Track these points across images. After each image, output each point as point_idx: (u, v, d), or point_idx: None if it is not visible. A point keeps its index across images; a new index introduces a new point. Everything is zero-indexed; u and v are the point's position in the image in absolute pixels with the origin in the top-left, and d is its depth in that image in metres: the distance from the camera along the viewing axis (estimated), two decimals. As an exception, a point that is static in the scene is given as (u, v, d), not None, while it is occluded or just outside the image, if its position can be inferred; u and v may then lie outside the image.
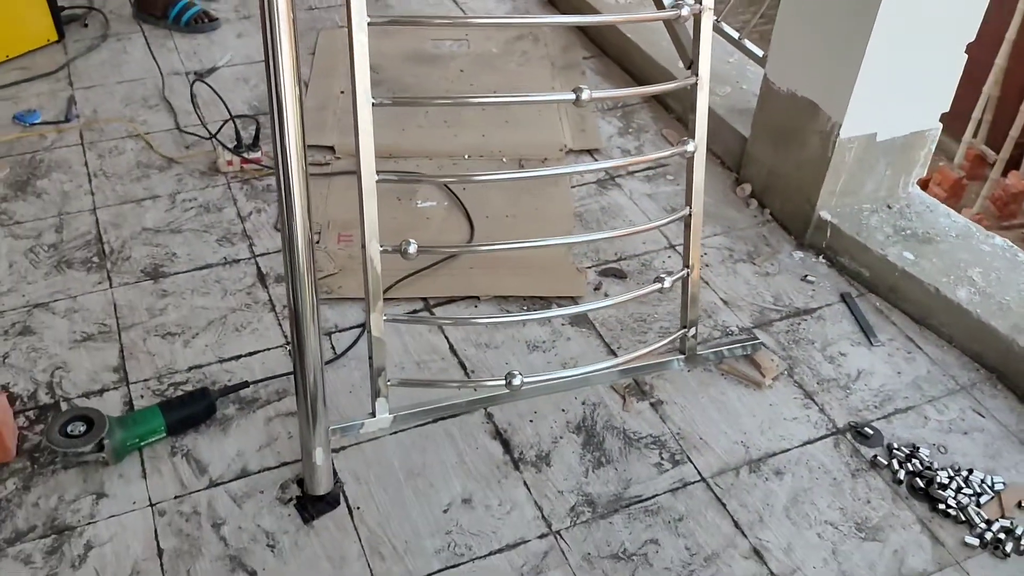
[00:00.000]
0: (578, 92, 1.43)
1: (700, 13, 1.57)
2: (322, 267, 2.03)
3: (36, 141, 2.39)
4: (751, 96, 2.43)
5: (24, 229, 2.10)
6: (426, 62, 2.83)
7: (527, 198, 2.28)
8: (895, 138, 2.06)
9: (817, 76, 2.03)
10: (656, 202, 2.31)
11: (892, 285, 2.00)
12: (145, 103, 2.57)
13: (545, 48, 2.93)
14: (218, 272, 2.02)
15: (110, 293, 1.95)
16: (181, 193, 2.24)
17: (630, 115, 2.63)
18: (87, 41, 2.83)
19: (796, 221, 2.18)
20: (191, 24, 2.94)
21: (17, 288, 1.95)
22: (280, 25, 1.29)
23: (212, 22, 2.96)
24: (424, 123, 2.53)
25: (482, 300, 1.98)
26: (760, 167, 2.27)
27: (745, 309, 2.00)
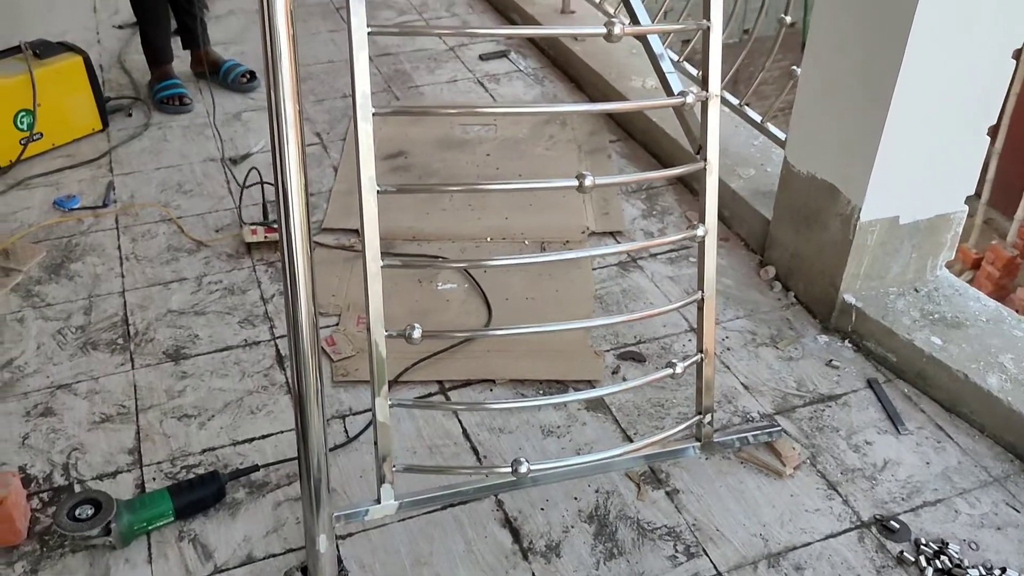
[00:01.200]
0: (581, 179, 1.44)
1: (707, 100, 1.57)
2: (340, 349, 2.04)
3: (73, 225, 2.47)
4: (775, 178, 2.41)
5: (54, 311, 2.16)
6: (454, 147, 2.88)
7: (547, 281, 2.28)
8: (919, 221, 2.02)
9: (835, 159, 2.01)
10: (678, 284, 2.29)
11: (920, 371, 1.94)
12: (180, 188, 2.65)
13: (572, 132, 2.96)
14: (238, 354, 2.04)
15: (131, 375, 1.98)
16: (207, 276, 2.29)
17: (654, 197, 2.64)
18: (130, 130, 2.95)
19: (821, 304, 2.14)
20: (236, 82, 3.19)
21: (43, 369, 1.99)
22: (286, 111, 1.33)
23: (253, 80, 3.20)
24: (448, 206, 2.56)
25: (498, 383, 1.97)
26: (784, 249, 2.25)
27: (767, 395, 1.95)
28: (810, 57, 2.05)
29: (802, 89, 2.11)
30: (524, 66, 3.41)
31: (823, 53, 2.00)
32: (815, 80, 2.05)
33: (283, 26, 1.31)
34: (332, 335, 2.08)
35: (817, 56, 2.03)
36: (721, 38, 1.56)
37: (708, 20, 1.54)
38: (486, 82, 3.30)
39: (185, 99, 3.10)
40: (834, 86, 1.98)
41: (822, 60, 2.01)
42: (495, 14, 3.87)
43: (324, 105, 3.11)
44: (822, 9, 1.97)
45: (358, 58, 1.39)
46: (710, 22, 1.54)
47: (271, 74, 1.32)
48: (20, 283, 2.24)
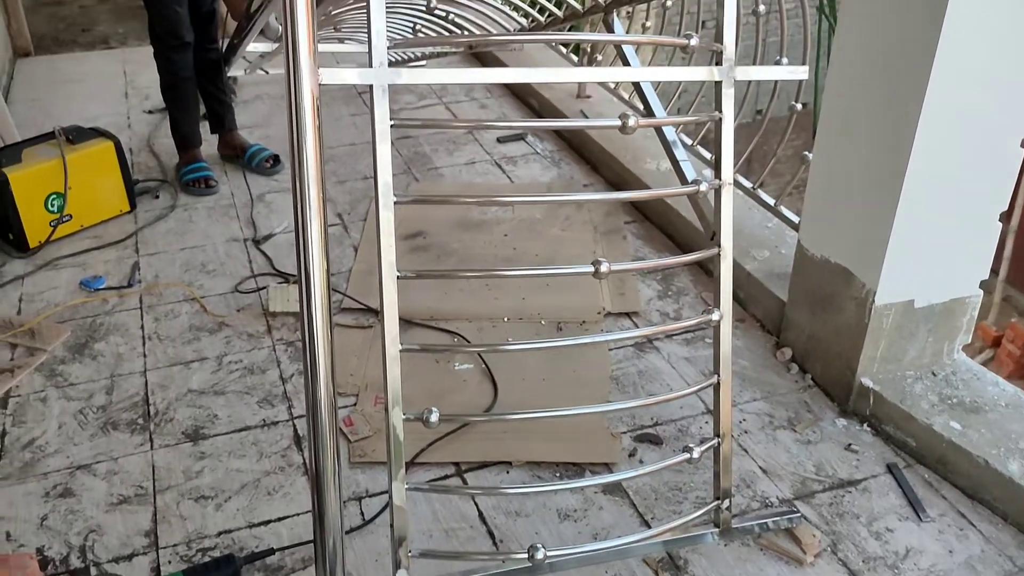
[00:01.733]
0: (597, 265, 1.47)
1: (720, 188, 1.61)
2: (358, 430, 2.05)
3: (98, 306, 2.52)
4: (789, 260, 2.43)
5: (77, 391, 2.19)
6: (472, 227, 2.93)
7: (564, 361, 2.29)
8: (934, 305, 2.03)
9: (848, 242, 2.04)
10: (695, 366, 2.29)
11: (940, 456, 1.92)
12: (203, 268, 2.71)
13: (588, 213, 3.01)
14: (256, 434, 2.05)
15: (150, 455, 1.99)
16: (228, 355, 2.32)
17: (670, 278, 2.66)
18: (156, 211, 3.03)
19: (838, 387, 2.14)
20: (261, 166, 3.28)
21: (63, 449, 2.01)
22: (310, 197, 1.38)
23: (277, 164, 3.29)
24: (465, 287, 2.60)
25: (514, 465, 1.97)
26: (799, 331, 2.26)
27: (785, 479, 1.94)
28: (821, 142, 2.10)
29: (814, 173, 2.15)
30: (541, 148, 3.49)
31: (834, 138, 2.05)
32: (826, 165, 2.09)
33: (309, 115, 1.37)
34: (350, 415, 2.09)
35: (828, 141, 2.07)
36: (732, 128, 1.61)
37: (719, 111, 1.59)
38: (503, 164, 3.37)
39: (211, 181, 3.18)
40: (845, 170, 2.01)
41: (833, 145, 2.05)
42: (513, 98, 3.97)
43: (346, 186, 3.18)
44: (832, 94, 2.02)
45: (381, 149, 1.44)
46: (721, 113, 1.59)
47: (296, 161, 1.37)
48: (44, 363, 2.28)
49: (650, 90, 2.38)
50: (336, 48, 3.93)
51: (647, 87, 2.42)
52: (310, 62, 1.35)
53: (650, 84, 2.46)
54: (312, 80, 1.35)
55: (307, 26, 1.34)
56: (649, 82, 2.44)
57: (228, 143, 3.36)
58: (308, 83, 1.35)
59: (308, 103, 1.36)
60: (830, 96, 2.04)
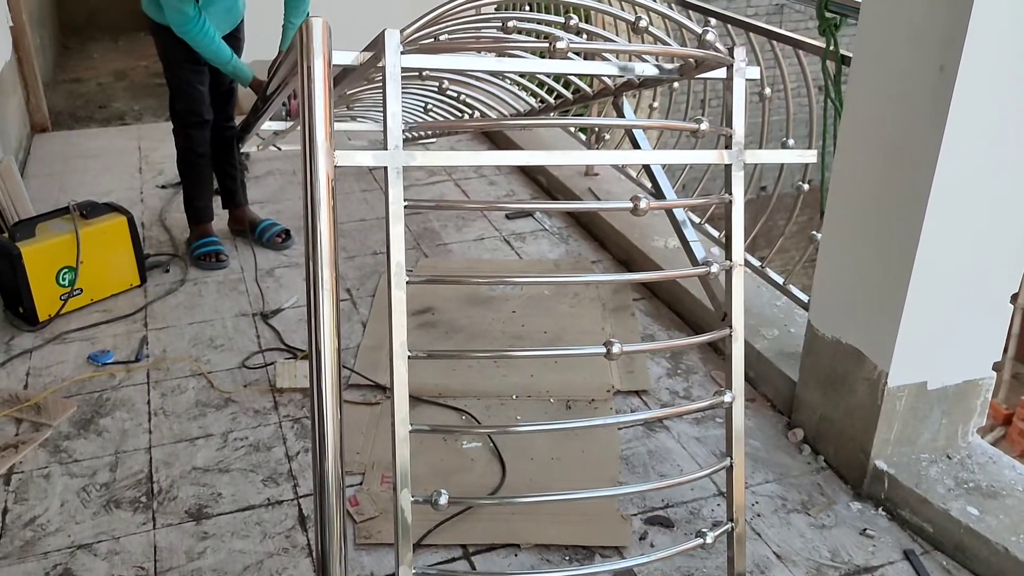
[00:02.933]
0: (609, 346, 1.46)
1: (731, 269, 1.61)
2: (364, 510, 2.02)
3: (105, 380, 2.51)
4: (799, 339, 2.42)
5: (81, 467, 2.17)
6: (481, 303, 2.93)
7: (573, 440, 2.26)
8: (947, 387, 2.01)
9: (860, 324, 2.03)
10: (705, 446, 2.27)
11: (958, 543, 1.88)
12: (211, 343, 2.70)
13: (596, 290, 3.02)
14: (260, 514, 2.02)
15: (153, 535, 1.96)
16: (234, 432, 2.30)
17: (679, 356, 2.65)
18: (166, 285, 3.04)
19: (852, 470, 2.11)
20: (271, 241, 3.31)
21: (65, 528, 1.98)
22: (323, 277, 1.38)
23: (288, 240, 3.32)
24: (474, 363, 2.59)
25: (523, 548, 1.93)
26: (811, 412, 2.23)
27: (800, 565, 1.89)
28: (830, 223, 2.11)
29: (823, 254, 2.16)
30: (549, 225, 3.52)
31: (842, 220, 2.06)
32: (835, 246, 2.09)
33: (324, 196, 1.38)
34: (356, 495, 2.06)
35: (836, 222, 2.08)
36: (743, 210, 1.62)
37: (729, 193, 1.61)
38: (512, 240, 3.39)
39: (222, 256, 3.20)
40: (855, 251, 2.02)
41: (841, 226, 2.06)
42: (521, 175, 4.02)
43: (355, 262, 3.20)
44: (840, 177, 2.04)
45: (394, 230, 1.45)
46: (731, 195, 1.60)
47: (311, 241, 1.38)
48: (49, 438, 2.26)
49: (660, 171, 2.41)
50: (348, 127, 4.00)
51: (657, 168, 2.46)
52: (326, 145, 1.37)
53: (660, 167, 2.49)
54: (328, 162, 1.37)
55: (324, 110, 1.37)
56: (659, 165, 2.48)
57: (239, 218, 3.40)
58: (324, 165, 1.37)
59: (323, 184, 1.38)
60: (838, 178, 2.06)
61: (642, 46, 1.66)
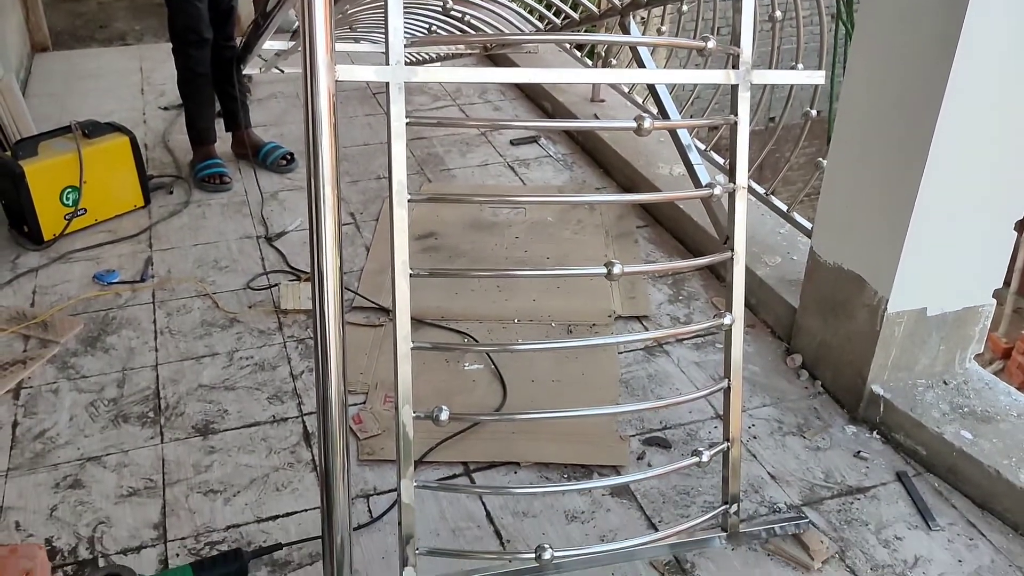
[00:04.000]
0: (610, 267, 1.47)
1: (734, 192, 1.61)
2: (367, 428, 2.06)
3: (111, 299, 2.53)
4: (801, 266, 2.43)
5: (88, 383, 2.20)
6: (484, 229, 2.93)
7: (573, 364, 2.29)
8: (946, 313, 2.02)
9: (862, 250, 2.03)
10: (704, 370, 2.29)
11: (951, 465, 1.91)
12: (216, 264, 2.72)
13: (600, 217, 3.01)
14: (265, 430, 2.06)
15: (160, 448, 2.00)
16: (239, 351, 2.32)
17: (680, 283, 2.66)
18: (170, 207, 3.04)
19: (848, 394, 2.13)
20: (275, 164, 3.30)
21: (74, 441, 2.02)
22: (325, 197, 1.38)
23: (292, 163, 3.30)
24: (477, 287, 2.60)
25: (523, 466, 1.97)
26: (810, 338, 2.25)
27: (794, 485, 1.93)
28: (836, 149, 2.09)
29: (828, 181, 2.15)
30: (554, 151, 3.49)
31: (849, 145, 2.04)
32: (841, 172, 2.08)
33: (326, 112, 1.37)
34: (359, 413, 2.10)
35: (843, 148, 2.06)
36: (748, 132, 1.61)
37: (735, 115, 1.59)
38: (516, 166, 3.37)
39: (225, 178, 3.19)
40: (860, 178, 2.01)
41: (848, 152, 2.05)
42: (526, 101, 3.97)
43: (359, 186, 3.19)
44: (848, 101, 2.02)
45: (396, 147, 1.44)
46: (737, 117, 1.59)
47: (312, 159, 1.38)
48: (57, 355, 2.29)
49: (665, 93, 2.38)
50: (351, 48, 3.94)
51: (662, 90, 2.42)
52: (327, 59, 1.35)
53: (665, 87, 2.45)
54: (329, 77, 1.36)
55: (325, 22, 1.35)
56: (664, 85, 2.44)
57: (241, 141, 3.38)
58: (325, 80, 1.36)
59: (325, 100, 1.36)
60: (846, 103, 2.03)
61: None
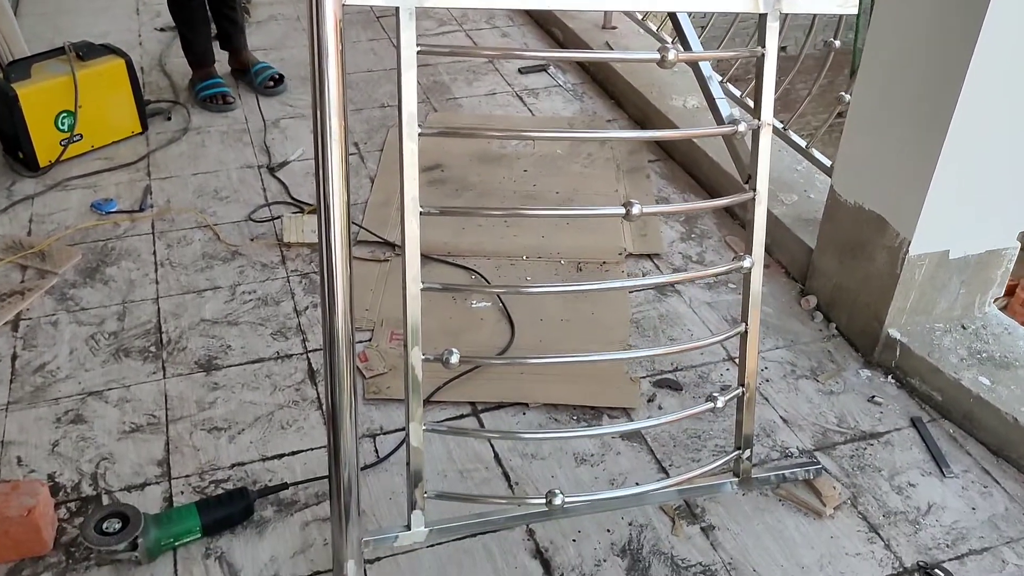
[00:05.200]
0: (628, 207, 1.41)
1: (759, 128, 1.53)
2: (373, 366, 2.02)
3: (110, 229, 2.47)
4: (819, 205, 2.36)
5: (88, 316, 2.16)
6: (491, 161, 2.85)
7: (583, 303, 2.24)
8: (969, 256, 1.97)
9: (885, 190, 1.96)
10: (716, 311, 2.24)
11: (967, 412, 1.88)
12: (216, 194, 2.65)
13: (611, 150, 2.93)
14: (269, 367, 2.02)
15: (163, 384, 1.97)
16: (241, 285, 2.27)
17: (693, 221, 2.59)
18: (168, 134, 2.95)
19: (864, 338, 2.09)
20: (263, 86, 3.20)
21: (75, 375, 1.98)
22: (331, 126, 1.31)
23: (279, 85, 3.21)
24: (484, 223, 2.54)
25: (531, 407, 1.93)
26: (826, 280, 2.20)
27: (806, 430, 1.90)
28: (862, 84, 2.00)
29: (852, 117, 2.06)
30: (563, 81, 3.39)
31: (876, 80, 1.95)
32: (866, 108, 2.00)
33: (332, 38, 1.29)
34: (365, 351, 2.06)
35: (869, 83, 1.98)
36: (775, 65, 1.52)
37: (762, 46, 1.51)
38: (525, 96, 3.27)
39: (228, 98, 3.12)
40: (887, 115, 1.93)
41: (875, 88, 1.96)
42: (535, 27, 3.84)
43: (362, 115, 3.10)
44: (878, 32, 1.92)
45: (406, 77, 1.37)
46: (764, 49, 1.50)
47: (317, 88, 1.31)
48: (55, 286, 2.24)
49: (687, 21, 2.26)
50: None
51: (684, 18, 2.31)
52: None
53: (687, 15, 2.34)
54: (336, 1, 1.27)
55: (332, -58, 1.26)
56: (686, 13, 2.33)
57: (237, 60, 3.29)
58: (331, 3, 1.27)
59: (331, 25, 1.28)
60: (875, 35, 1.94)
61: None
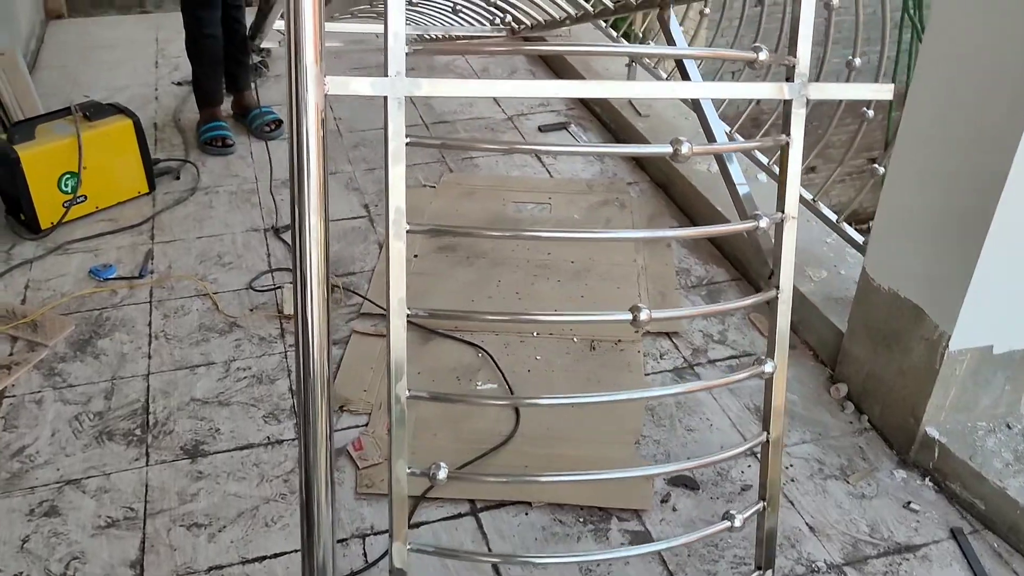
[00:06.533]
0: (635, 312, 1.28)
1: (782, 222, 1.40)
2: (368, 455, 1.89)
3: (106, 297, 2.38)
4: (850, 283, 2.23)
5: (75, 393, 2.06)
6: (506, 225, 2.74)
7: (594, 386, 2.11)
8: (1014, 351, 1.81)
9: (923, 278, 1.82)
10: (739, 397, 2.10)
11: (1012, 524, 1.71)
12: (219, 260, 2.56)
13: (631, 216, 2.81)
14: (259, 454, 1.91)
15: (145, 472, 1.86)
16: (237, 361, 2.17)
17: (716, 294, 2.46)
18: (176, 194, 2.88)
19: (899, 434, 1.93)
20: (260, 129, 3.16)
21: (54, 460, 1.88)
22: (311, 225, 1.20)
23: (277, 130, 3.16)
24: (495, 293, 2.42)
25: (534, 506, 1.79)
26: (858, 367, 2.04)
27: (835, 539, 1.74)
28: (899, 159, 1.86)
29: (886, 194, 1.92)
30: (584, 140, 3.28)
31: (914, 156, 1.81)
32: (901, 186, 1.86)
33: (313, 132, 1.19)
34: (360, 437, 1.94)
35: (906, 159, 1.84)
36: (801, 155, 1.40)
37: (787, 136, 1.38)
38: (544, 156, 3.17)
39: (228, 140, 3.12)
40: (924, 196, 1.79)
41: (912, 166, 1.82)
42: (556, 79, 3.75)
43: (375, 174, 3.01)
44: (916, 106, 1.79)
45: (394, 170, 1.26)
46: (789, 138, 1.38)
47: (296, 185, 1.20)
48: (44, 359, 2.15)
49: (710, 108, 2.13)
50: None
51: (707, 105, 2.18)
52: (315, 69, 1.17)
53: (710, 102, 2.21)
54: (317, 91, 1.17)
55: (313, 23, 1.16)
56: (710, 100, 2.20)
57: (239, 102, 3.26)
58: (313, 94, 1.17)
59: (313, 118, 1.18)
60: (913, 108, 1.80)
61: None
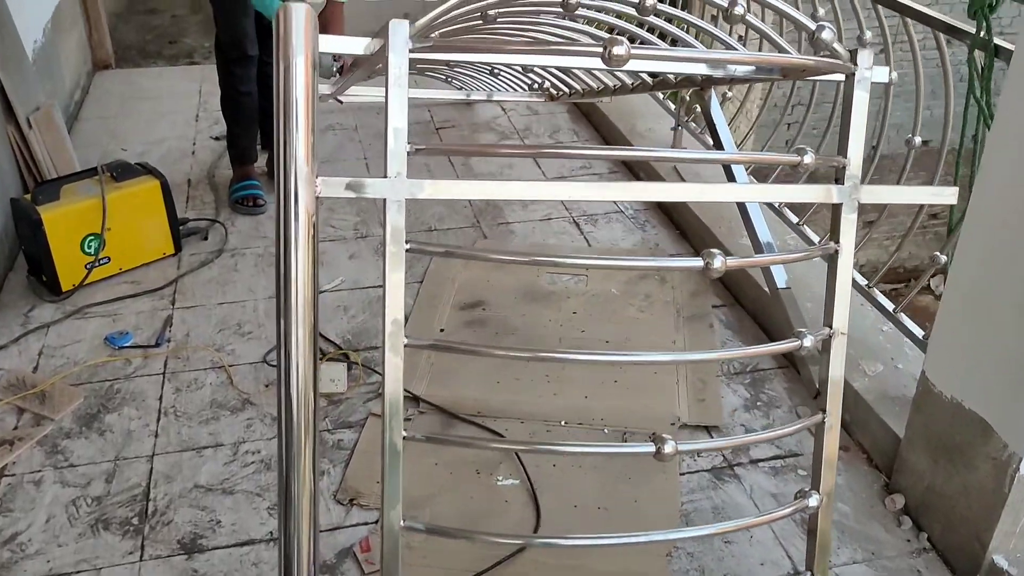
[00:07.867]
0: (660, 444, 1.13)
1: (831, 338, 1.25)
2: (374, 558, 1.75)
3: (119, 367, 2.30)
4: (909, 379, 2.05)
5: (75, 475, 1.96)
6: (539, 300, 2.61)
7: (625, 486, 1.95)
8: (1096, 477, 1.61)
9: (989, 390, 1.63)
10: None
11: None
12: (239, 329, 2.46)
13: (672, 291, 2.65)
14: (259, 551, 1.78)
15: (138, 568, 1.74)
16: (246, 443, 2.06)
17: (760, 383, 2.28)
18: (202, 255, 2.81)
19: (962, 558, 1.73)
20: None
21: (45, 550, 1.78)
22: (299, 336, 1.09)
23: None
24: (522, 375, 2.28)
25: (552, 626, 1.64)
26: (917, 478, 1.85)
27: None
28: (962, 253, 1.69)
29: (950, 292, 1.74)
30: (625, 207, 3.15)
31: (979, 253, 1.64)
32: (966, 282, 1.68)
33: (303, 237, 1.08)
34: (369, 537, 1.80)
35: (970, 254, 1.66)
36: (852, 264, 1.25)
37: (836, 242, 1.23)
38: (582, 223, 3.04)
39: (259, 200, 3.06)
40: (992, 296, 1.61)
41: (977, 261, 1.65)
42: (596, 141, 3.63)
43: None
44: (983, 199, 1.61)
45: (391, 279, 1.15)
46: (839, 245, 1.23)
47: (283, 292, 1.10)
48: (48, 435, 2.07)
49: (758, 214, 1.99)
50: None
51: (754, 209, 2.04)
52: (307, 170, 1.06)
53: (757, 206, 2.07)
54: (308, 194, 1.06)
55: (305, 123, 1.06)
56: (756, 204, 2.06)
57: (271, 161, 3.19)
58: (304, 197, 1.06)
59: (303, 222, 1.07)
60: (979, 201, 1.63)
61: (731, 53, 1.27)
